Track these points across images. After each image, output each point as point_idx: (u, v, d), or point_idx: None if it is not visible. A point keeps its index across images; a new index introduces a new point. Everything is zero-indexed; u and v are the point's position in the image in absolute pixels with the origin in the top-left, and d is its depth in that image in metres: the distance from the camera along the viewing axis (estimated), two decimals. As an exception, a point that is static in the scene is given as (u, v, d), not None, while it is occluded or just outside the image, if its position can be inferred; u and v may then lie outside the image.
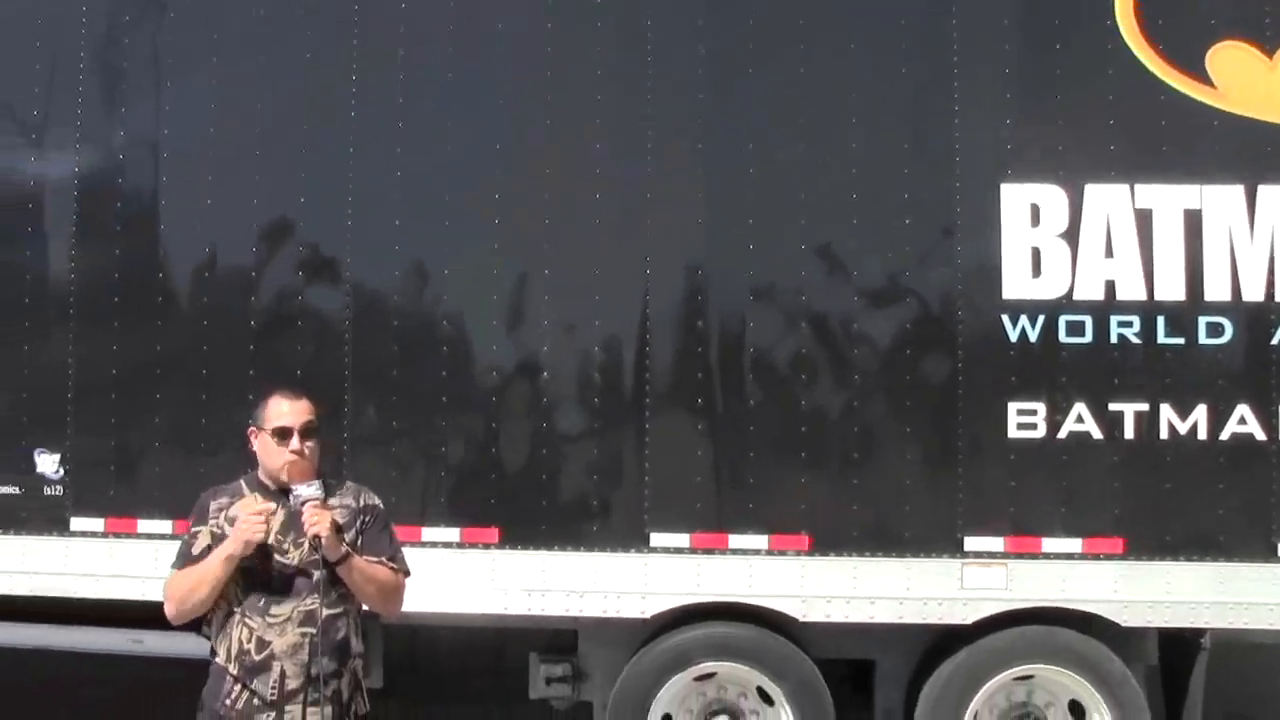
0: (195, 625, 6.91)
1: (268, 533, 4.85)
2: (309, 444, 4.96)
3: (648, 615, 7.76)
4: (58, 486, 8.26)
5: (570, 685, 7.98)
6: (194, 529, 5.01)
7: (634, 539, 7.73)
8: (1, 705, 9.13)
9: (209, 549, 4.92)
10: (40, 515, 8.29)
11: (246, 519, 4.79)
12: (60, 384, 8.29)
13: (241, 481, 5.06)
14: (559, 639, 8.17)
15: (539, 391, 7.88)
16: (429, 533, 7.79)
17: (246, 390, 7.75)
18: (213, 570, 4.82)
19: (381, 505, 5.15)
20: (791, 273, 7.80)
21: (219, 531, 4.92)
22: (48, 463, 8.24)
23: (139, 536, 8.15)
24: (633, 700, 7.76)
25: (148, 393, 8.18)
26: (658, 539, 7.73)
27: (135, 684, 9.31)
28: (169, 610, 5.01)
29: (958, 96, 7.78)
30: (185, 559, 4.97)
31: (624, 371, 7.84)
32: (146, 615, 7.66)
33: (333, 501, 4.98)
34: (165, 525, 8.04)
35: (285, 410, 4.99)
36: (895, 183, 7.77)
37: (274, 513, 4.85)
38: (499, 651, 9.19)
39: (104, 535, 8.22)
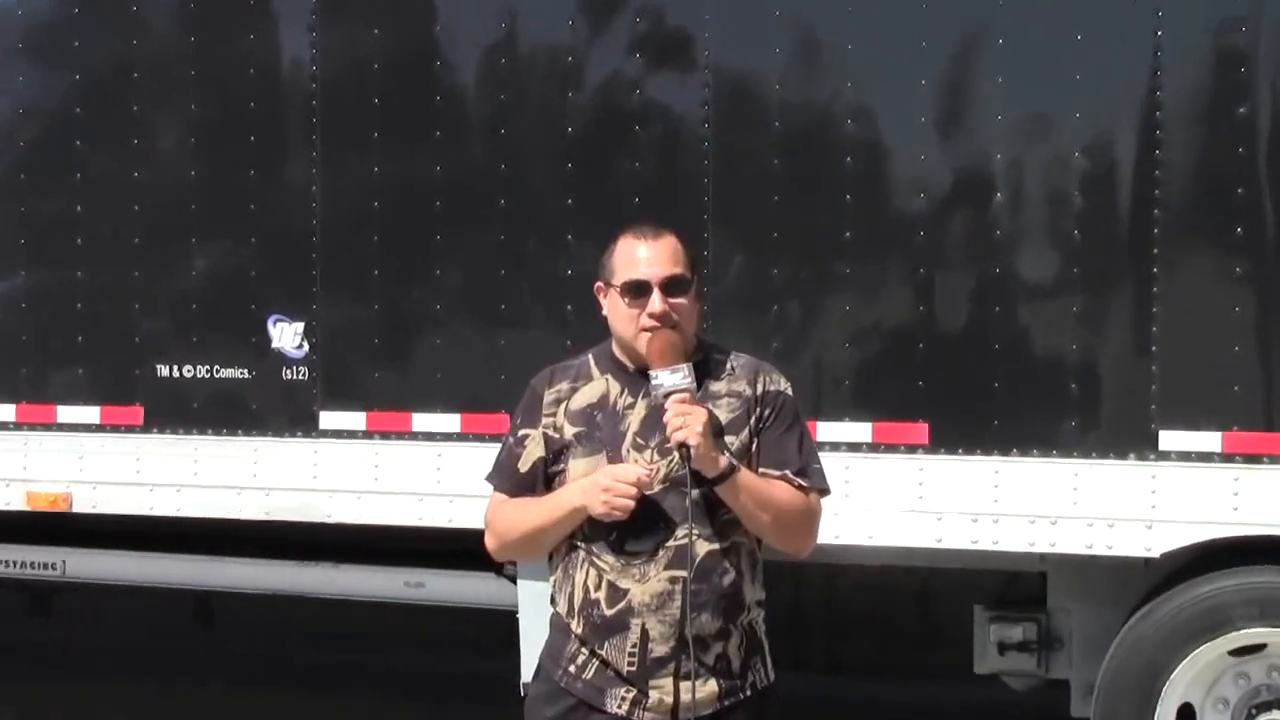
0: (496, 564, 6.54)
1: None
2: (678, 302, 3.98)
3: (1155, 553, 6.23)
4: (301, 368, 7.29)
5: (1035, 655, 6.65)
6: (520, 430, 4.15)
7: (1134, 439, 6.21)
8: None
9: (540, 461, 4.11)
10: (278, 408, 7.36)
11: (618, 486, 3.91)
12: (302, 225, 7.24)
13: (589, 357, 4.21)
14: (1016, 588, 6.91)
15: (988, 221, 6.38)
16: (823, 429, 6.45)
17: (563, 229, 6.87)
18: (554, 517, 4.07)
19: (789, 392, 4.18)
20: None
21: (556, 435, 4.09)
22: (287, 335, 7.28)
23: (415, 437, 7.13)
24: (1135, 681, 6.24)
25: (424, 234, 7.11)
26: (1170, 439, 6.17)
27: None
28: (490, 542, 4.26)
29: None
30: (509, 476, 4.15)
31: (1119, 188, 6.26)
32: (427, 548, 7.34)
33: (716, 387, 4.07)
34: (451, 421, 7.05)
35: (640, 256, 4.04)
36: None
37: (651, 479, 3.91)
38: (925, 603, 7.88)
39: (366, 435, 7.25)
